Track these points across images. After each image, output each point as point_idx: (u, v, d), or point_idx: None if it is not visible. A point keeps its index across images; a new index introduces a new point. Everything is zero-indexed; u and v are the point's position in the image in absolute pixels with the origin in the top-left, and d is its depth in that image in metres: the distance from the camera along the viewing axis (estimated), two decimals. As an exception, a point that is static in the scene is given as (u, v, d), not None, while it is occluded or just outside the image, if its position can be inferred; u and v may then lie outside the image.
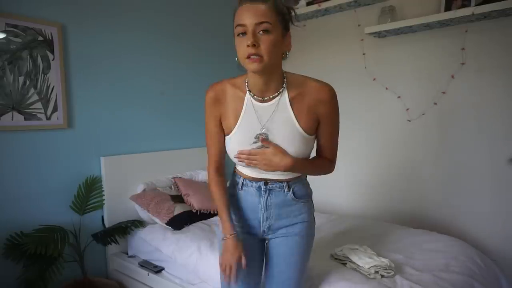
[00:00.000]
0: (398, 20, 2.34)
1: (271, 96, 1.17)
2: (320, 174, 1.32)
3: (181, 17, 2.75)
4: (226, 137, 1.26)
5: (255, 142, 1.19)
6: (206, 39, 2.90)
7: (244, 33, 1.07)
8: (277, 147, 1.18)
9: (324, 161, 1.30)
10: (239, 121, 1.20)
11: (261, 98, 1.18)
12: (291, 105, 1.17)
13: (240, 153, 1.21)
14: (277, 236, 1.32)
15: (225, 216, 1.28)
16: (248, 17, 1.05)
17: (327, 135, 1.25)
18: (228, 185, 1.38)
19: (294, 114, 1.17)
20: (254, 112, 1.18)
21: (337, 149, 1.31)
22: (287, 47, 1.15)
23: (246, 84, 1.20)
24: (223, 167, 1.35)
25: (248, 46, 1.05)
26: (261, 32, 1.05)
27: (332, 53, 2.78)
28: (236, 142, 1.22)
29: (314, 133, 1.23)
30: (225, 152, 1.31)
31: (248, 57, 1.07)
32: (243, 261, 1.23)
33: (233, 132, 1.22)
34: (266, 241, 1.36)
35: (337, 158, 1.33)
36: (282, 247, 1.30)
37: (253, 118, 1.18)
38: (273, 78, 1.15)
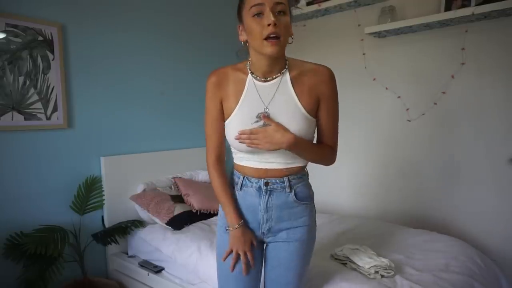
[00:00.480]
0: (398, 20, 2.34)
1: (273, 76, 1.19)
2: (322, 162, 1.29)
3: (181, 17, 2.75)
4: (226, 121, 1.24)
5: (256, 122, 1.18)
6: (206, 39, 2.90)
7: (259, 13, 1.08)
8: (278, 124, 1.17)
9: (325, 147, 1.28)
10: (240, 101, 1.20)
11: (263, 79, 1.20)
12: (292, 84, 1.19)
13: (242, 132, 1.18)
14: (277, 241, 1.29)
15: (230, 207, 1.26)
16: None
17: (328, 117, 1.25)
18: None
19: (296, 93, 1.19)
20: (256, 92, 1.19)
21: (337, 136, 1.30)
22: (291, 32, 1.16)
23: (248, 66, 1.22)
24: (223, 157, 1.32)
25: (269, 25, 1.06)
26: (277, 14, 1.08)
27: (332, 53, 2.78)
28: (237, 122, 1.20)
29: (315, 115, 1.23)
30: (225, 141, 1.29)
31: (266, 39, 1.08)
32: (254, 243, 1.26)
33: (233, 113, 1.21)
34: (265, 244, 1.34)
35: (337, 155, 1.31)
36: (283, 252, 1.27)
37: (255, 98, 1.19)
38: (278, 61, 1.18)
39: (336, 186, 2.79)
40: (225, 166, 1.33)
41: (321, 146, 1.28)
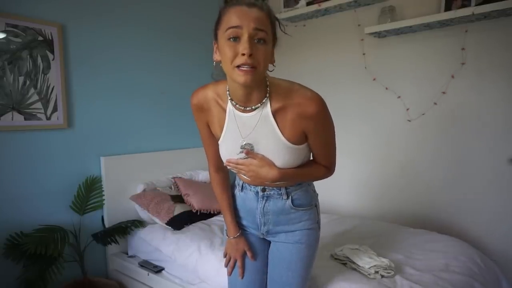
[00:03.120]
0: (398, 20, 2.33)
1: (253, 107, 1.08)
2: (317, 180, 1.28)
3: (182, 17, 2.75)
4: (218, 141, 1.23)
5: (242, 152, 1.15)
6: (207, 38, 2.88)
7: (236, 38, 0.95)
8: (263, 159, 1.12)
9: (319, 168, 1.22)
10: (223, 131, 1.16)
11: (243, 108, 1.09)
12: (274, 117, 1.09)
13: (228, 161, 1.18)
14: (278, 241, 1.29)
15: (229, 217, 1.31)
16: (245, 20, 0.94)
17: (318, 147, 1.18)
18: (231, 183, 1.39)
19: (278, 127, 1.09)
20: (236, 124, 1.12)
21: (334, 156, 1.24)
22: (272, 60, 1.06)
23: (228, 92, 1.11)
24: (223, 164, 1.31)
25: (243, 54, 0.94)
26: (256, 41, 0.95)
27: (332, 53, 2.78)
28: (224, 150, 1.21)
29: (303, 143, 1.15)
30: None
31: (238, 67, 0.96)
32: (249, 254, 1.30)
33: (220, 140, 1.20)
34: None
35: (336, 161, 1.26)
36: (283, 252, 1.28)
37: (235, 130, 1.13)
38: (256, 89, 1.06)
39: (336, 186, 2.79)
40: (227, 173, 1.37)
41: (314, 168, 1.22)
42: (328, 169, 1.24)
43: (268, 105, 1.08)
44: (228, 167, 1.21)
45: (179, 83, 2.75)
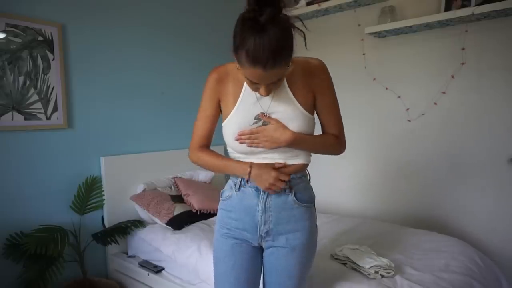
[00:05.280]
0: (398, 20, 2.34)
1: None
2: (328, 152, 1.28)
3: (183, 17, 2.75)
4: (223, 122, 1.23)
5: (255, 123, 1.18)
6: (209, 38, 2.89)
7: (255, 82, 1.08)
8: (278, 122, 1.17)
9: (329, 137, 1.26)
10: (237, 103, 1.19)
11: None
12: (288, 85, 1.18)
13: (241, 133, 1.18)
14: (275, 246, 1.24)
15: (232, 161, 1.24)
16: (262, 80, 1.05)
17: (326, 108, 1.24)
18: (224, 188, 1.33)
19: (292, 92, 1.18)
20: (255, 96, 1.17)
21: (341, 124, 1.28)
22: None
23: None
24: (207, 143, 1.31)
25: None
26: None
27: (332, 53, 2.78)
28: (235, 124, 1.20)
29: (313, 112, 1.23)
30: (212, 136, 1.30)
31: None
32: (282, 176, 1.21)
33: (231, 114, 1.20)
34: (263, 250, 1.29)
35: (345, 138, 1.29)
36: (283, 259, 1.24)
37: (253, 100, 1.18)
38: None
39: (336, 186, 2.79)
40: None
41: (325, 136, 1.27)
42: (337, 138, 1.27)
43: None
44: (239, 142, 1.18)
45: (179, 83, 2.75)
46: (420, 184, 2.45)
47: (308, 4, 2.69)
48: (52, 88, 2.10)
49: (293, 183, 1.23)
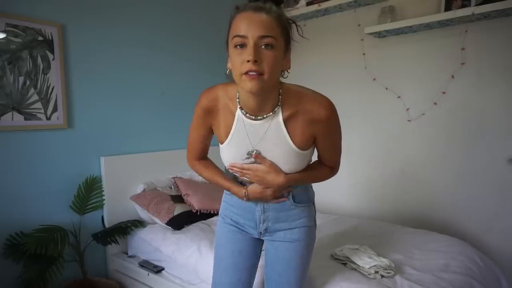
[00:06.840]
0: (398, 20, 2.34)
1: (264, 116, 1.08)
2: (321, 181, 1.28)
3: (183, 17, 2.75)
4: (220, 145, 1.21)
5: (247, 158, 1.15)
6: (209, 38, 2.89)
7: (242, 45, 0.95)
8: (271, 164, 1.13)
9: (324, 170, 1.25)
10: (229, 137, 1.14)
11: (253, 117, 1.08)
12: (285, 124, 1.08)
13: (232, 165, 1.17)
14: (275, 240, 1.28)
15: (229, 181, 1.26)
16: (250, 28, 0.93)
17: (326, 149, 1.20)
18: None
19: (289, 134, 1.09)
20: (245, 131, 1.11)
21: (339, 156, 1.25)
22: (286, 65, 1.05)
23: (238, 99, 1.09)
24: (205, 155, 1.33)
25: (248, 61, 0.93)
26: (263, 46, 0.94)
27: (332, 53, 2.78)
28: (229, 154, 1.18)
29: (311, 147, 1.17)
30: (207, 150, 1.32)
31: (246, 73, 0.95)
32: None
33: (224, 144, 1.17)
34: (264, 242, 1.34)
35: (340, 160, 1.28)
36: (282, 252, 1.26)
37: (244, 137, 1.12)
38: (268, 98, 1.05)
39: (336, 186, 2.79)
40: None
41: (319, 170, 1.24)
42: (332, 169, 1.27)
43: (280, 113, 1.08)
44: (231, 171, 1.20)
45: (179, 84, 2.75)
46: (420, 184, 2.45)
47: (308, 4, 2.69)
48: (52, 88, 2.10)
49: (292, 186, 1.24)
